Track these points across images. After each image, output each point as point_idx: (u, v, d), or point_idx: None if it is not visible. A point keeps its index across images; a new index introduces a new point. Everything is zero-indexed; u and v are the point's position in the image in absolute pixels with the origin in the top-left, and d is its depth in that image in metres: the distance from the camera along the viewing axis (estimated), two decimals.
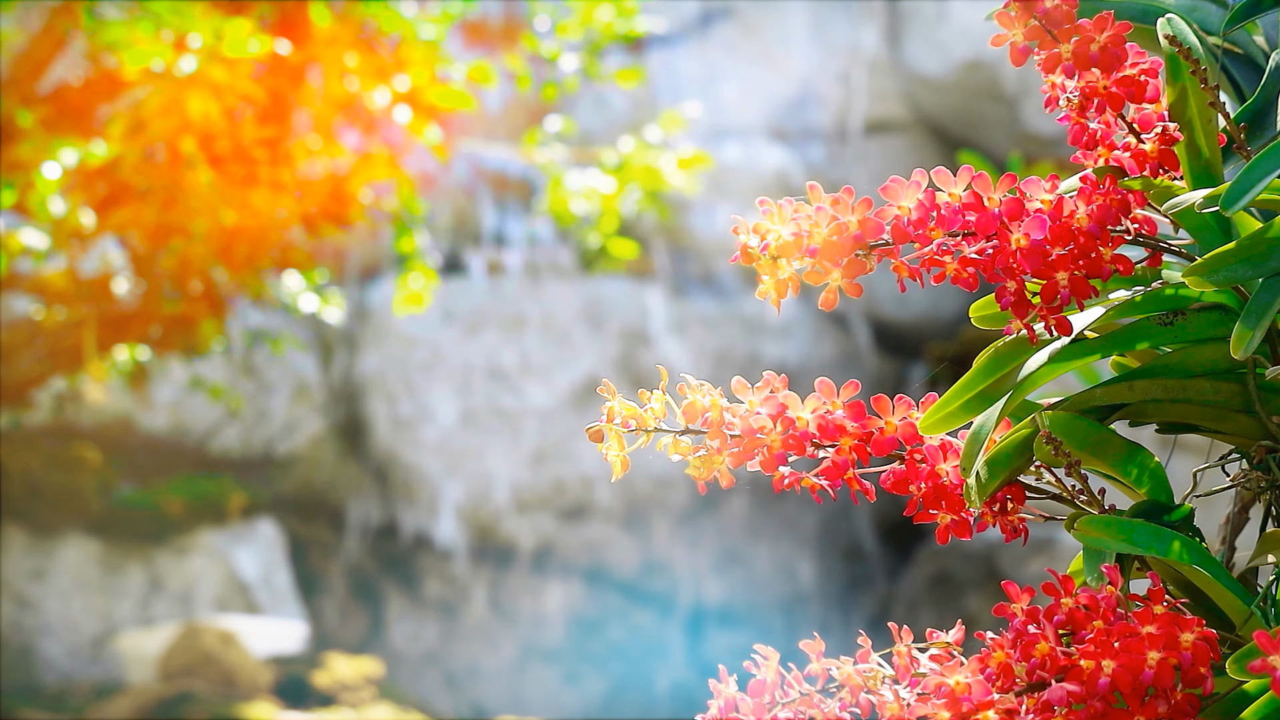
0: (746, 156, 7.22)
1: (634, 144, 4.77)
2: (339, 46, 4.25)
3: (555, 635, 6.92)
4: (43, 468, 6.14)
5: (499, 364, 6.89)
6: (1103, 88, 0.91)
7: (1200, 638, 0.83)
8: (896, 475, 0.96)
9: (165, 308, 4.48)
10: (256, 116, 4.23)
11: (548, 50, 4.57)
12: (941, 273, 0.89)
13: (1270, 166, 0.85)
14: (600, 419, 0.95)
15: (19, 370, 4.61)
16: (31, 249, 4.35)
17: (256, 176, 4.24)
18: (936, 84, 7.09)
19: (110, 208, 4.30)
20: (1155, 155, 0.92)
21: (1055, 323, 0.89)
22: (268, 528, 6.51)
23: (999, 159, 6.20)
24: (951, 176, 0.89)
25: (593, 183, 4.72)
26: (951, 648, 0.91)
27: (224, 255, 4.35)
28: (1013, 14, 0.91)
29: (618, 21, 4.53)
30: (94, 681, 5.80)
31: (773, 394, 0.95)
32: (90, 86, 4.32)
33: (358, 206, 4.45)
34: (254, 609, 6.27)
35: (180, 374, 6.21)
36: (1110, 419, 0.95)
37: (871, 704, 0.91)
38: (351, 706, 5.47)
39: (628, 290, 6.99)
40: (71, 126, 4.25)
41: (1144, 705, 0.82)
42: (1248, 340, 0.87)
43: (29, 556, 6.14)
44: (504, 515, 6.87)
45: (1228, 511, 0.99)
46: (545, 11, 4.58)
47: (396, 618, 6.87)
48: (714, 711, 0.92)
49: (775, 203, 0.90)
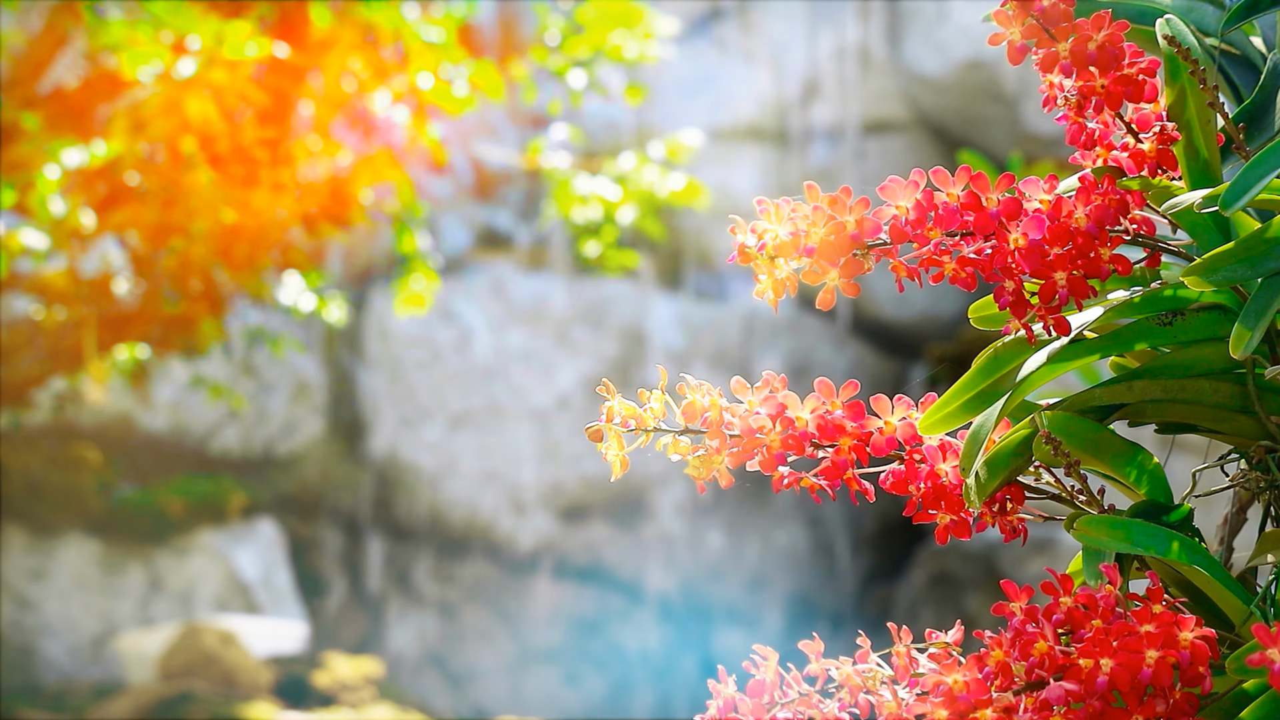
0: (745, 156, 7.22)
1: (635, 160, 4.77)
2: (339, 47, 4.25)
3: (555, 635, 6.92)
4: (43, 468, 6.14)
5: (499, 364, 6.90)
6: (1101, 87, 0.91)
7: (1199, 637, 0.83)
8: (896, 475, 0.96)
9: (165, 308, 4.48)
10: (257, 117, 4.23)
11: (555, 65, 4.57)
12: (940, 273, 0.89)
13: (1269, 167, 0.85)
14: (600, 419, 0.95)
15: (19, 370, 4.61)
16: (31, 249, 4.35)
17: (256, 177, 4.24)
18: (936, 84, 7.08)
19: (110, 208, 4.30)
20: (1153, 155, 0.92)
21: (1054, 323, 0.89)
22: (268, 528, 6.51)
23: (999, 159, 6.21)
24: (950, 176, 0.89)
25: (599, 189, 4.72)
26: (951, 648, 0.91)
27: (224, 255, 4.35)
28: (1010, 13, 0.91)
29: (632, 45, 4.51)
30: (94, 681, 5.80)
31: (772, 394, 0.95)
32: (90, 86, 4.32)
33: (358, 207, 4.45)
34: (254, 609, 6.27)
35: (180, 374, 6.21)
36: (1109, 419, 0.95)
37: (871, 704, 0.91)
38: (351, 706, 5.47)
39: (628, 290, 6.99)
40: (71, 127, 4.25)
41: (1142, 704, 0.82)
42: (1246, 340, 0.87)
43: (29, 556, 6.14)
44: (503, 515, 6.87)
45: (1226, 511, 0.99)
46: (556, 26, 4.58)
47: (396, 618, 6.87)
48: (713, 712, 0.92)
49: (773, 202, 0.90)
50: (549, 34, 4.60)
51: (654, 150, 4.78)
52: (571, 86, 4.57)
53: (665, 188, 4.69)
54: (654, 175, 4.71)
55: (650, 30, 4.58)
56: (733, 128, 7.25)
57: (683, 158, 4.74)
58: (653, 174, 4.71)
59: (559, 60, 4.56)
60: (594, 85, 4.59)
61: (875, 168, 7.13)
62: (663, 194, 4.69)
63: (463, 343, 6.89)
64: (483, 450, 6.86)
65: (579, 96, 4.58)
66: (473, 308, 6.92)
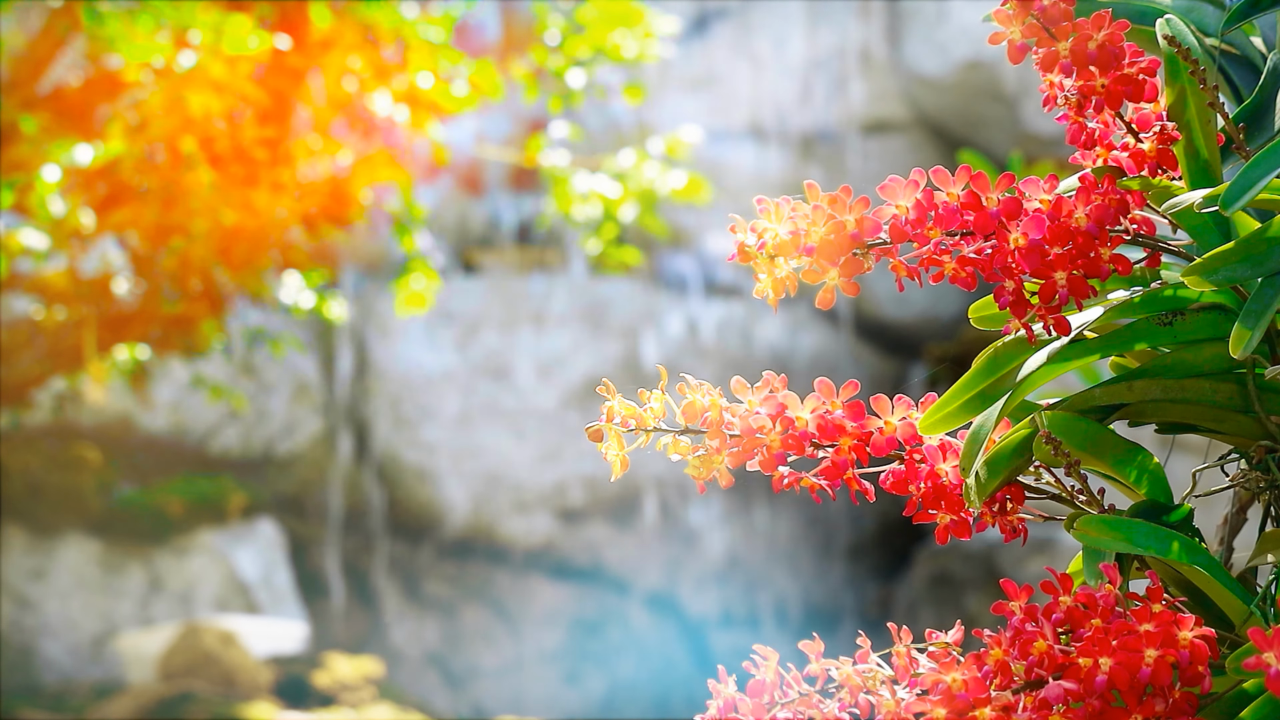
0: (745, 156, 7.22)
1: (635, 157, 4.76)
2: (339, 47, 4.25)
3: (555, 635, 6.92)
4: (43, 468, 6.14)
5: (499, 364, 6.89)
6: (1101, 86, 0.91)
7: (1198, 636, 0.83)
8: (896, 475, 0.96)
9: (165, 308, 4.48)
10: (256, 117, 4.23)
11: (554, 65, 4.56)
12: (940, 272, 0.89)
13: (1269, 167, 0.85)
14: (600, 418, 0.95)
15: (19, 370, 4.61)
16: (31, 249, 4.35)
17: (256, 176, 4.24)
18: (936, 84, 7.08)
19: (110, 208, 4.29)
20: (1154, 155, 0.92)
21: (1054, 322, 0.89)
22: (268, 528, 6.51)
23: (999, 159, 6.21)
24: (950, 176, 0.89)
25: (598, 187, 4.72)
26: (951, 648, 0.90)
27: (224, 255, 4.35)
28: (1010, 12, 0.91)
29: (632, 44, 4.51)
30: (94, 681, 5.80)
31: (772, 394, 0.95)
32: (90, 86, 4.32)
33: (358, 207, 4.45)
34: (254, 609, 6.27)
35: (180, 374, 6.21)
36: (1109, 419, 0.95)
37: (871, 704, 0.91)
38: (351, 706, 5.47)
39: (628, 290, 6.99)
40: (71, 127, 4.25)
41: (1141, 703, 0.82)
42: (1246, 340, 0.87)
43: (29, 556, 6.14)
44: (504, 515, 6.87)
45: (1226, 512, 0.99)
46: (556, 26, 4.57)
47: (396, 618, 6.87)
48: (713, 712, 0.92)
49: (773, 201, 0.90)
50: (549, 33, 4.59)
51: (653, 147, 4.78)
52: (571, 86, 4.57)
53: (666, 185, 4.68)
54: (654, 172, 4.70)
55: (650, 29, 4.58)
56: (733, 127, 7.25)
57: (682, 154, 4.74)
58: (653, 171, 4.71)
59: (559, 60, 4.55)
60: (594, 86, 4.59)
61: (875, 168, 7.13)
62: (663, 191, 4.68)
63: (464, 342, 6.89)
64: (483, 450, 6.86)
65: (579, 95, 4.58)
66: (473, 307, 6.92)
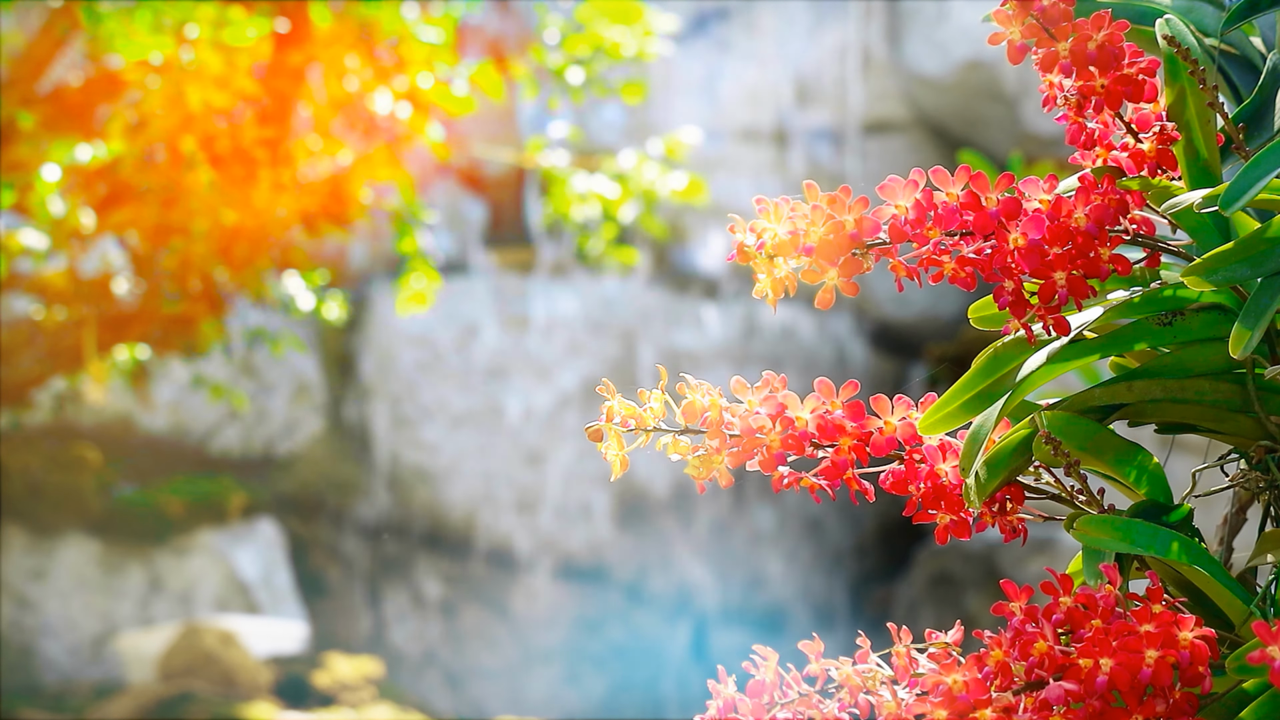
0: (745, 156, 7.22)
1: (635, 158, 4.76)
2: (339, 47, 4.25)
3: (555, 635, 6.92)
4: (43, 468, 6.14)
5: (499, 364, 6.89)
6: (1100, 86, 0.91)
7: (1199, 636, 0.82)
8: (896, 475, 0.96)
9: (165, 308, 4.48)
10: (257, 116, 4.23)
11: (554, 64, 4.56)
12: (939, 272, 0.89)
13: (1268, 167, 0.85)
14: (600, 418, 0.95)
15: (19, 370, 4.61)
16: (31, 249, 4.35)
17: (256, 176, 4.24)
18: (936, 84, 7.08)
19: (110, 208, 4.29)
20: (1153, 155, 0.92)
21: (1053, 323, 0.89)
22: (268, 528, 6.51)
23: (999, 159, 6.20)
24: (949, 176, 0.89)
25: (597, 187, 4.71)
26: (951, 648, 0.90)
27: (224, 255, 4.35)
28: (1010, 12, 0.90)
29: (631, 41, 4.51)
30: (94, 681, 5.80)
31: (772, 394, 0.95)
32: (90, 86, 4.32)
33: (358, 206, 4.45)
34: (254, 609, 6.27)
35: (180, 374, 6.21)
36: (1109, 419, 0.95)
37: (871, 704, 0.91)
38: (351, 706, 5.47)
39: (628, 290, 6.99)
40: (71, 126, 4.25)
41: (1142, 704, 0.82)
42: (1246, 340, 0.87)
43: (29, 556, 6.14)
44: (504, 515, 6.87)
45: (1226, 512, 0.99)
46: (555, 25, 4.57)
47: (396, 618, 6.87)
48: (713, 712, 0.92)
49: (772, 201, 0.90)
50: (548, 32, 4.59)
51: (653, 148, 4.78)
52: (570, 84, 4.57)
53: (666, 186, 4.68)
54: (653, 173, 4.70)
55: (650, 28, 4.58)
56: (732, 127, 7.25)
57: (681, 155, 4.74)
58: (652, 172, 4.70)
59: (558, 59, 4.55)
60: (593, 84, 4.58)
61: (875, 168, 7.13)
62: (663, 192, 4.68)
63: (463, 342, 6.89)
64: (483, 450, 6.86)
65: (579, 93, 4.58)
66: (473, 307, 6.92)
